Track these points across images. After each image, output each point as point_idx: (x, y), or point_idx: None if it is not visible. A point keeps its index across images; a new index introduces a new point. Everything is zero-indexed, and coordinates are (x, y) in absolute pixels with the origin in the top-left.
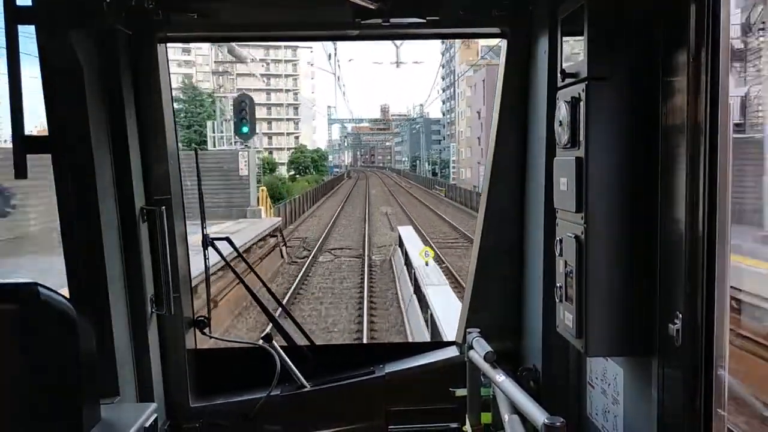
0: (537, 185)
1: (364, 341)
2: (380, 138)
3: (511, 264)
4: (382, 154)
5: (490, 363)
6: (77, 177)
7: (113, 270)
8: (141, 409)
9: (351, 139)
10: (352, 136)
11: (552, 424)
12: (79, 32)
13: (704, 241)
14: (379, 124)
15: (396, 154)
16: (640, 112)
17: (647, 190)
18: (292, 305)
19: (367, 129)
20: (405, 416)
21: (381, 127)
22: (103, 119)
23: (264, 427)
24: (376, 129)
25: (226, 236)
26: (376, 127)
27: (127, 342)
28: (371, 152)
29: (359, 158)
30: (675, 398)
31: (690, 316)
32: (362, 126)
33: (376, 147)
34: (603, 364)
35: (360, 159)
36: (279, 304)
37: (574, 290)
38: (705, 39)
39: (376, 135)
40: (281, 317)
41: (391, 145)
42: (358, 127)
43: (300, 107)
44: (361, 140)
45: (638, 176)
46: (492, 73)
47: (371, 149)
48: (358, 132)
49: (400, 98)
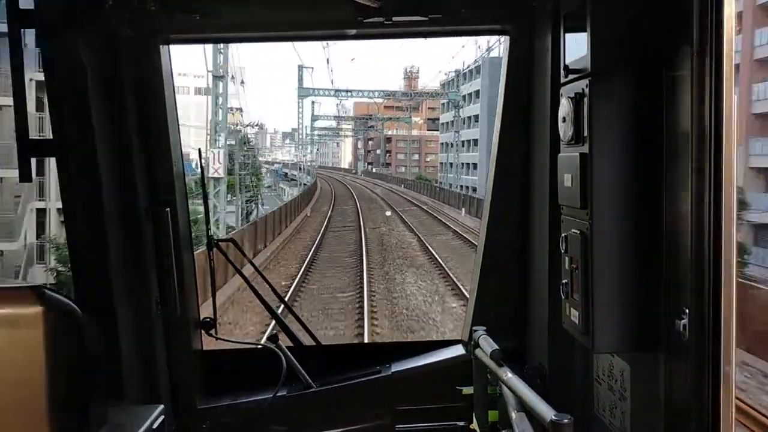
0: (541, 182)
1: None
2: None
3: (516, 261)
4: (404, 150)
5: (496, 361)
6: (81, 179)
7: (118, 271)
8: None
9: (355, 125)
10: (354, 122)
11: (559, 421)
12: (81, 34)
13: (710, 235)
14: (399, 99)
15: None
16: (644, 106)
17: (652, 185)
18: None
19: (377, 109)
20: (412, 415)
21: (406, 103)
22: (107, 121)
23: (271, 427)
24: (395, 107)
25: (231, 238)
26: (395, 105)
27: (133, 343)
28: (387, 147)
29: (367, 156)
30: (682, 394)
31: (697, 311)
32: (373, 103)
33: (396, 140)
34: (609, 360)
35: (367, 158)
36: (284, 304)
37: (579, 287)
38: (708, 32)
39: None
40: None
41: (421, 136)
42: (364, 106)
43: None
44: (368, 127)
45: (643, 171)
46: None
47: (386, 142)
48: (365, 116)
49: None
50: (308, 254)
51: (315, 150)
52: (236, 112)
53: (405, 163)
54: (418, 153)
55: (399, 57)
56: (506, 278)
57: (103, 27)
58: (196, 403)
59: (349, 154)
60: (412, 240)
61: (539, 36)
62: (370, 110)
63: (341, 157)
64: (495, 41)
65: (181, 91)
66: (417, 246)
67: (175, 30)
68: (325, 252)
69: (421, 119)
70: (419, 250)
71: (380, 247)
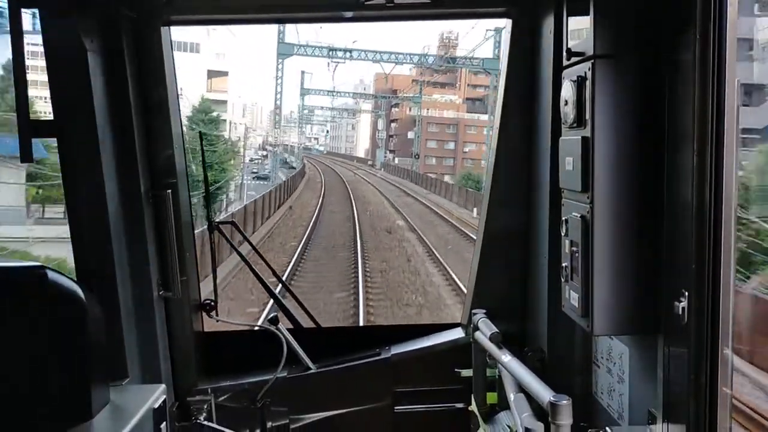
0: (542, 165)
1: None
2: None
3: (517, 245)
4: (437, 137)
5: (495, 344)
6: (83, 160)
7: (120, 253)
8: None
9: (376, 103)
10: (375, 100)
11: (558, 402)
12: (83, 15)
13: (711, 218)
14: (440, 67)
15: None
16: (646, 90)
17: (653, 168)
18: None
19: (405, 85)
20: (411, 397)
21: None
22: (108, 103)
23: (271, 408)
24: (429, 82)
25: (232, 220)
26: (428, 78)
27: (135, 325)
28: (415, 132)
29: (388, 143)
30: (680, 377)
31: (696, 294)
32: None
33: (426, 123)
34: (608, 343)
35: (389, 145)
36: (285, 287)
37: (579, 270)
38: (712, 16)
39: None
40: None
41: (459, 120)
42: (389, 78)
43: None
44: (391, 105)
45: (644, 155)
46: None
47: (413, 125)
48: (389, 93)
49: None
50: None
51: (324, 133)
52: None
53: (437, 152)
54: (455, 141)
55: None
56: (506, 262)
57: (104, 8)
58: (197, 383)
59: (367, 138)
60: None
61: (542, 19)
62: (395, 85)
63: (356, 141)
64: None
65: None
66: None
67: (176, 11)
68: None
69: (459, 99)
70: None
71: None
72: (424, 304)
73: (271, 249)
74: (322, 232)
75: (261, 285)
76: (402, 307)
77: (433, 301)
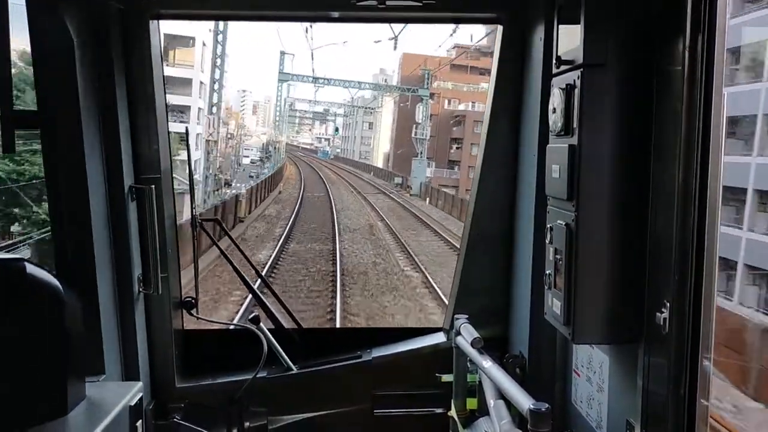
0: (529, 172)
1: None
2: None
3: (501, 251)
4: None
5: (477, 349)
6: (66, 153)
7: (101, 248)
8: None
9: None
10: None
11: (537, 410)
12: (70, 6)
13: (694, 230)
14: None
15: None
16: (634, 99)
17: (640, 178)
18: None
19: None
20: (391, 400)
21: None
22: (93, 95)
23: (250, 408)
24: (470, 66)
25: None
26: (468, 63)
27: (114, 320)
28: (456, 134)
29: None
30: (659, 386)
31: (678, 304)
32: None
33: (471, 120)
34: (589, 351)
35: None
36: (267, 287)
37: (563, 278)
38: (701, 26)
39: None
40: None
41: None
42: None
43: None
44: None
45: (631, 164)
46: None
47: (455, 124)
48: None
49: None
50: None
51: (334, 132)
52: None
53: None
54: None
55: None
56: (490, 267)
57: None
58: (175, 381)
59: (388, 140)
60: None
61: (532, 26)
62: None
63: (375, 145)
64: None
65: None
66: None
67: (165, 5)
68: None
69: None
70: None
71: None
72: None
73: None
74: None
75: (243, 284)
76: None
77: None
